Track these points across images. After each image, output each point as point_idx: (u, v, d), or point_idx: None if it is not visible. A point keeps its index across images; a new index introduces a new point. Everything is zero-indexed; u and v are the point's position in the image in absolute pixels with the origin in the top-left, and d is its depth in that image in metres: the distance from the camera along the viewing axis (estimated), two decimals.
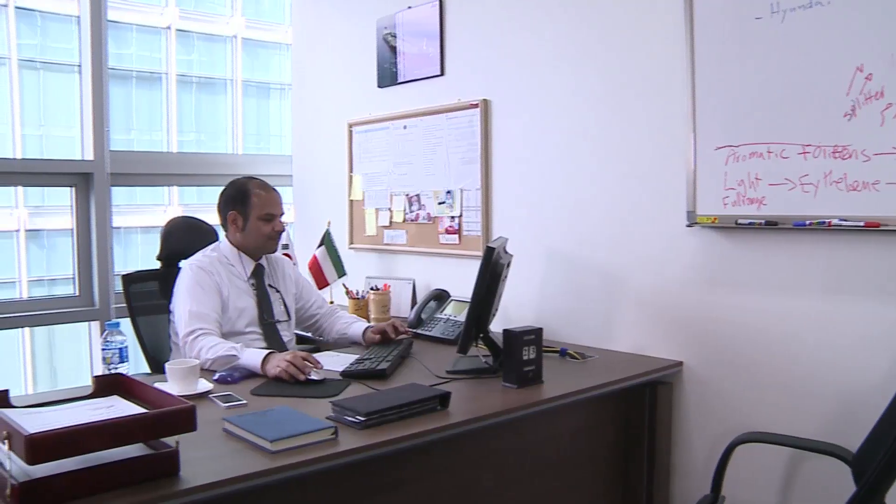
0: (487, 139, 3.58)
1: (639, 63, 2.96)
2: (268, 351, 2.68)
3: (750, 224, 2.57)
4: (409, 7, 3.96)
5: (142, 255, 4.82)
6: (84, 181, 4.39)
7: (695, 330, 2.82)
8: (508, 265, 2.87)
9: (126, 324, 2.99)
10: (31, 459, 1.49)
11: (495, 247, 2.61)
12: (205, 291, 2.94)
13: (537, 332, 2.55)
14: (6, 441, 1.54)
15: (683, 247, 2.83)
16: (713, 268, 2.76)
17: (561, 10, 3.23)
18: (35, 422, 1.60)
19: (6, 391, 1.87)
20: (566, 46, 3.22)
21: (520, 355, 2.50)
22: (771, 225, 2.51)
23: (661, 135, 2.88)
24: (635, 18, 2.96)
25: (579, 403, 2.58)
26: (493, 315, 2.83)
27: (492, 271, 2.62)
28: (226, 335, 2.94)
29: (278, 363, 2.57)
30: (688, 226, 2.76)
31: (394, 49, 4.08)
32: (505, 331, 2.53)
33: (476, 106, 3.61)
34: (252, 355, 2.68)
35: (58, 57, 4.50)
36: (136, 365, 3.19)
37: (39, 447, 1.49)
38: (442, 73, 3.82)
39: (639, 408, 2.83)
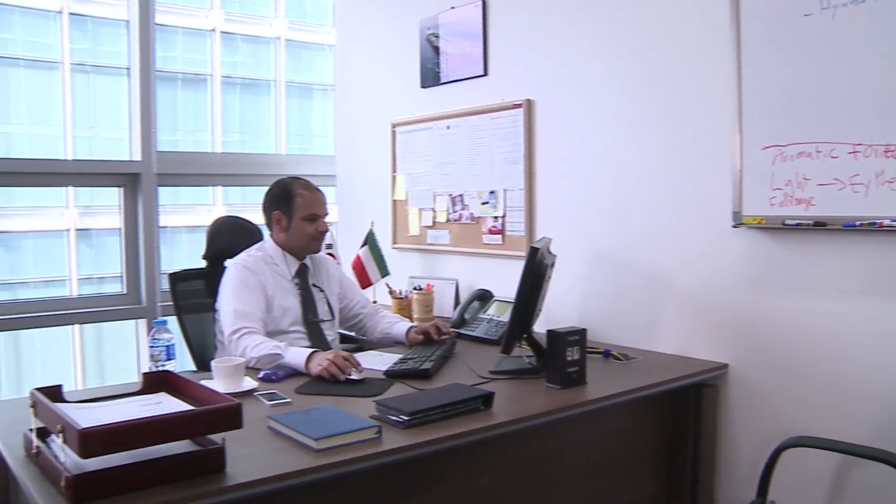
0: (531, 139, 3.57)
1: (684, 61, 2.93)
2: (311, 350, 2.70)
3: (798, 225, 2.53)
4: (452, 7, 3.96)
5: (187, 254, 4.88)
6: (132, 181, 4.47)
7: (741, 331, 2.78)
8: (552, 265, 2.86)
9: (172, 322, 3.02)
10: (84, 453, 1.53)
11: (539, 247, 2.60)
12: (250, 290, 2.97)
13: (581, 332, 2.54)
14: (60, 434, 1.58)
15: (729, 247, 2.79)
16: (759, 269, 2.72)
17: (604, 8, 3.21)
18: (87, 416, 1.63)
19: (59, 386, 1.91)
20: (609, 45, 3.20)
21: (564, 356, 2.49)
22: (820, 226, 2.47)
23: (706, 134, 2.85)
24: (680, 16, 2.93)
25: (623, 405, 2.57)
26: (537, 315, 2.82)
27: (536, 271, 2.62)
28: (270, 334, 2.97)
29: (320, 362, 2.59)
30: (733, 226, 2.72)
31: (437, 49, 4.09)
32: (549, 331, 2.52)
33: (519, 106, 3.60)
34: (295, 354, 2.70)
35: (107, 60, 4.58)
36: (182, 362, 3.23)
37: (91, 441, 1.52)
38: (485, 73, 3.82)
39: (683, 410, 2.80)
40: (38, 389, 1.83)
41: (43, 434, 1.81)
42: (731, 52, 2.70)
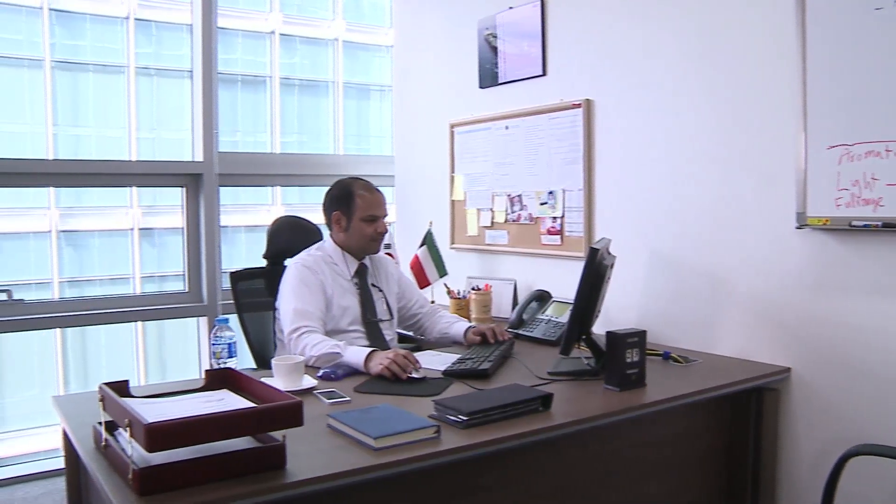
0: (590, 139, 3.55)
1: (746, 59, 2.88)
2: (371, 349, 2.72)
3: (865, 226, 2.47)
4: (511, 7, 3.95)
5: (245, 254, 4.96)
6: (194, 182, 4.56)
7: (804, 335, 2.73)
8: (612, 266, 2.84)
9: (233, 320, 3.06)
10: (150, 447, 1.56)
11: (599, 248, 2.59)
12: (309, 290, 3.00)
13: (641, 334, 2.52)
14: (128, 428, 1.62)
15: (792, 249, 2.74)
16: (824, 271, 2.66)
17: (665, 6, 3.18)
18: (153, 411, 1.67)
19: (126, 381, 1.96)
20: (670, 43, 3.17)
21: (623, 358, 2.47)
22: (889, 227, 2.41)
23: (769, 134, 2.80)
24: (742, 12, 2.88)
25: (682, 408, 2.55)
26: (596, 317, 2.80)
27: (595, 272, 2.60)
28: (329, 333, 3.00)
29: (381, 361, 2.61)
30: (797, 227, 2.67)
31: (495, 49, 4.08)
32: (608, 333, 2.51)
33: (578, 106, 3.58)
34: (355, 353, 2.73)
35: (170, 64, 4.68)
36: (243, 360, 3.28)
37: (157, 435, 1.56)
38: (544, 73, 3.81)
39: (744, 414, 2.76)
40: (107, 384, 1.87)
41: (111, 427, 1.85)
42: (796, 51, 2.64)
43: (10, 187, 4.27)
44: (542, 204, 3.80)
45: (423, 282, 4.07)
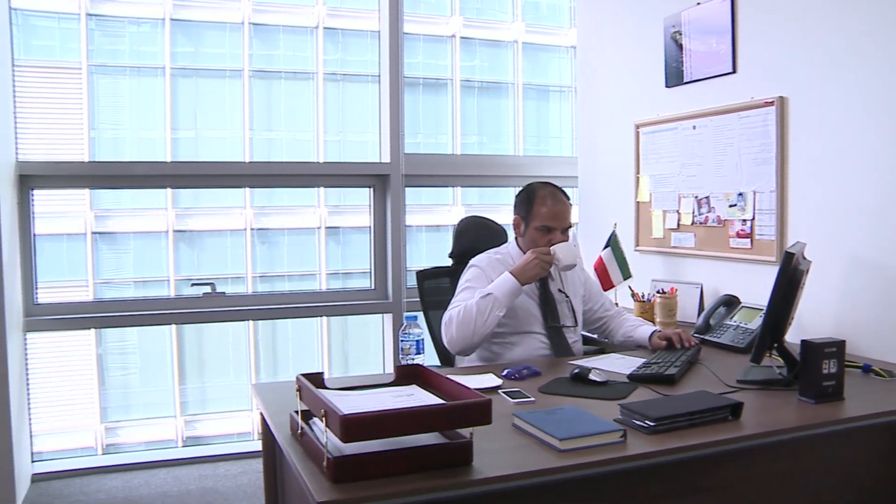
0: (783, 138, 3.39)
1: None
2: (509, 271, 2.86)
3: None
4: (698, 3, 3.84)
5: (426, 253, 5.07)
6: (381, 182, 4.71)
7: None
8: (807, 272, 2.71)
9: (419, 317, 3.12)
10: (345, 437, 1.62)
11: (794, 252, 2.47)
12: (478, 284, 3.02)
13: (839, 344, 2.38)
14: (323, 418, 1.68)
15: None
16: None
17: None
18: (346, 404, 1.73)
19: (321, 373, 2.04)
20: (874, 37, 2.97)
21: (819, 369, 2.34)
22: None
23: None
24: None
25: (883, 426, 2.37)
26: (789, 324, 2.67)
27: (790, 278, 2.48)
28: (511, 335, 3.04)
29: (529, 266, 2.85)
30: None
31: (681, 47, 3.98)
32: (803, 341, 2.38)
33: (771, 104, 3.43)
34: (501, 280, 2.87)
35: (355, 69, 4.86)
36: (428, 357, 3.34)
37: (352, 427, 1.61)
38: (733, 71, 3.67)
39: None
40: (304, 375, 1.95)
41: (306, 416, 1.94)
42: None
43: (213, 188, 4.58)
44: (730, 206, 3.67)
45: (607, 284, 4.03)
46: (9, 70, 4.03)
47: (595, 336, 3.44)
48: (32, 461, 4.24)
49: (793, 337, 2.60)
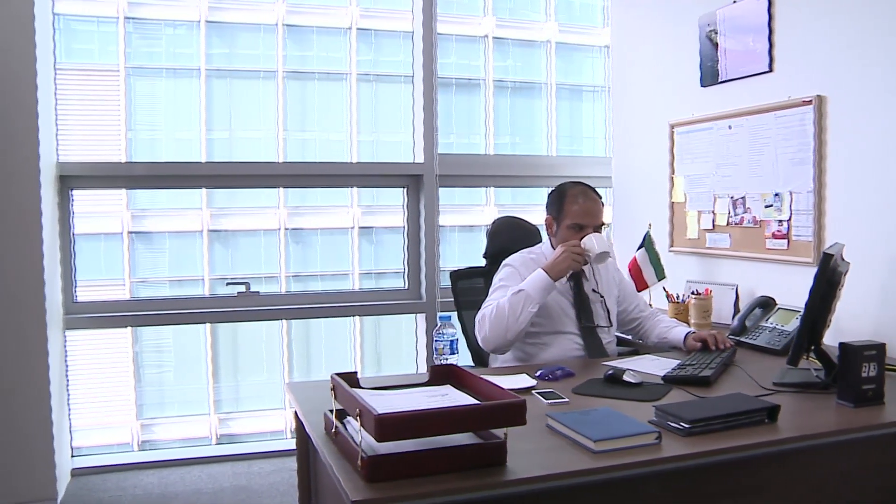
0: (821, 138, 3.35)
1: None
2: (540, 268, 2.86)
3: None
4: (734, 1, 3.81)
5: (459, 253, 5.07)
6: (415, 182, 4.72)
7: None
8: (845, 274, 2.67)
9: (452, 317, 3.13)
10: (380, 437, 1.63)
11: (833, 253, 2.44)
12: (512, 283, 3.01)
13: (879, 347, 2.34)
14: (358, 418, 1.69)
15: None
16: None
17: None
18: (381, 403, 1.73)
19: (355, 373, 2.05)
20: None
21: (858, 372, 2.30)
22: None
23: None
24: None
25: None
26: (827, 326, 2.64)
27: (828, 279, 2.45)
28: (544, 335, 3.04)
29: (559, 260, 2.85)
30: None
31: (716, 46, 3.94)
32: (842, 344, 2.35)
33: (809, 103, 3.39)
34: (533, 277, 2.88)
35: (387, 69, 4.88)
36: (461, 357, 3.35)
37: (387, 426, 1.62)
38: (770, 70, 3.63)
39: None
40: (339, 375, 1.96)
41: (341, 415, 1.94)
42: None
43: (247, 188, 4.62)
44: (767, 206, 3.63)
45: (641, 285, 4.01)
46: (51, 73, 4.10)
47: (629, 337, 3.42)
48: (72, 456, 4.31)
49: (831, 339, 2.56)
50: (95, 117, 4.41)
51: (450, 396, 1.91)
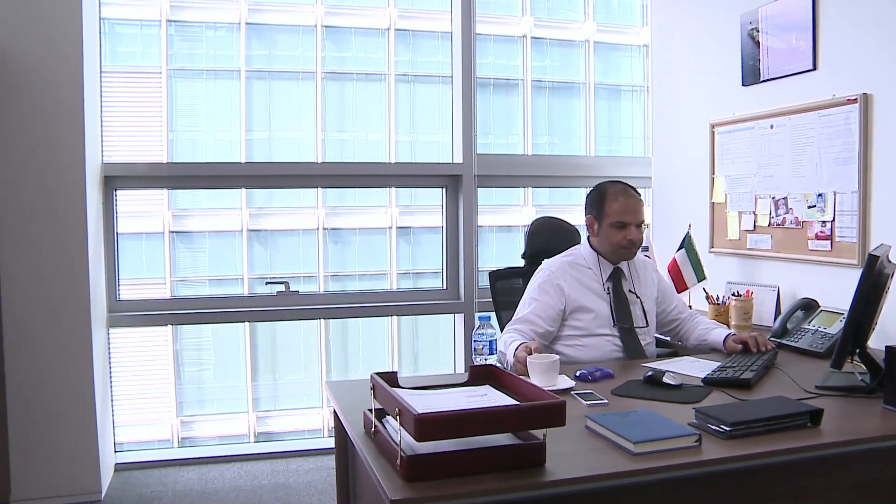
0: (867, 137, 3.29)
1: None
2: (519, 343, 2.75)
3: None
4: None
5: (496, 253, 5.07)
6: (454, 183, 4.73)
7: None
8: (892, 276, 2.62)
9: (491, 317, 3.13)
10: (419, 436, 1.64)
11: (878, 255, 2.40)
12: (541, 297, 3.02)
13: None
14: (398, 417, 1.70)
15: None
16: None
17: None
18: (421, 403, 1.74)
19: (395, 373, 2.05)
20: None
21: None
22: None
23: None
24: None
25: None
26: (873, 329, 2.59)
27: (874, 281, 2.41)
28: (581, 336, 3.04)
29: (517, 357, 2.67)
30: None
31: (758, 44, 3.90)
32: (888, 347, 2.30)
33: (854, 101, 3.34)
34: (513, 349, 2.75)
35: (425, 70, 4.89)
36: None
37: (427, 426, 1.62)
38: (814, 68, 3.58)
39: None
40: (378, 374, 1.96)
41: (380, 414, 1.95)
42: None
43: (286, 188, 4.66)
44: (809, 207, 3.58)
45: (681, 286, 3.98)
46: (97, 76, 4.17)
47: (668, 338, 3.40)
48: (115, 451, 4.38)
49: (876, 343, 2.52)
50: (138, 119, 4.48)
51: (489, 397, 1.91)
